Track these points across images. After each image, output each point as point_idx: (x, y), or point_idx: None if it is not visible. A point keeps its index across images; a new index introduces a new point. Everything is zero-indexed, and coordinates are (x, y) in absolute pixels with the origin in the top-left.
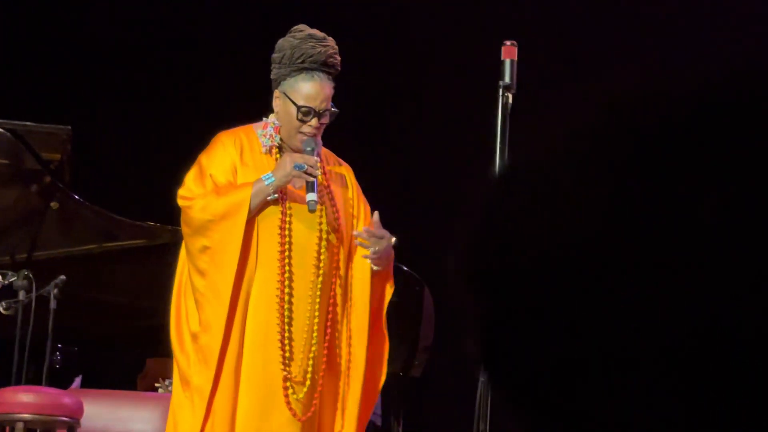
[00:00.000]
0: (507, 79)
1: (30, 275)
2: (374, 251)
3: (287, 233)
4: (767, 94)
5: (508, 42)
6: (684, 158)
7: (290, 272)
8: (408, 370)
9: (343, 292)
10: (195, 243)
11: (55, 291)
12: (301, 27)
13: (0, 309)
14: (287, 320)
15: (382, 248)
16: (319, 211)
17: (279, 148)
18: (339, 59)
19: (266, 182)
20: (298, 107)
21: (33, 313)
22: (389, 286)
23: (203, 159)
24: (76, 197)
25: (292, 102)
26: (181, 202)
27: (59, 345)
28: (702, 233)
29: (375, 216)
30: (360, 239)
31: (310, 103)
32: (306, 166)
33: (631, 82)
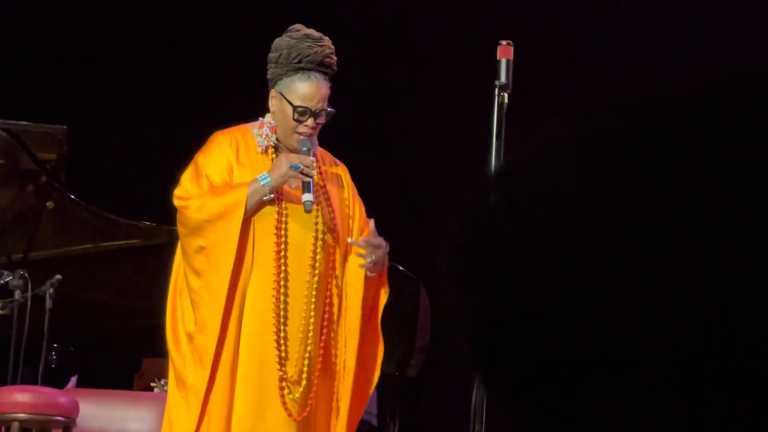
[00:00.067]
0: (503, 79)
1: (26, 275)
2: (370, 261)
3: (283, 233)
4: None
5: (504, 42)
6: (683, 157)
7: (286, 272)
8: (404, 370)
9: (339, 292)
10: (191, 243)
11: (51, 291)
12: (298, 27)
13: None
14: (283, 320)
15: (379, 257)
16: (315, 212)
17: (275, 148)
18: (335, 59)
19: (262, 182)
20: (295, 107)
21: (29, 313)
22: (384, 291)
23: (199, 159)
24: (72, 197)
25: (289, 102)
26: (177, 202)
27: (55, 345)
28: (701, 233)
29: (371, 224)
30: (357, 248)
31: (307, 103)
32: (302, 167)
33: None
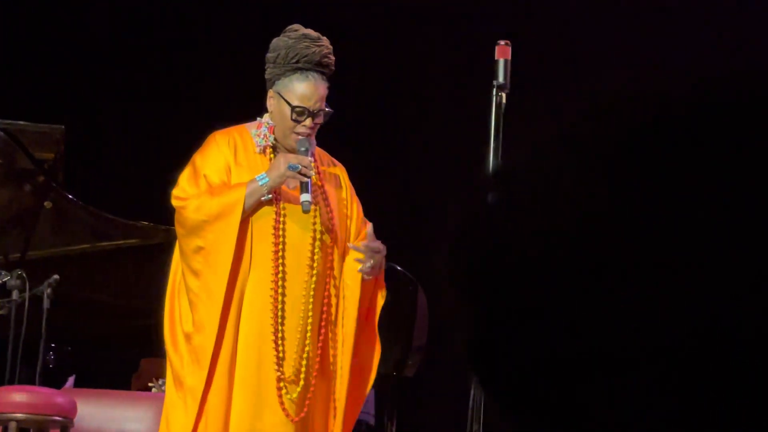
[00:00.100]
0: (501, 79)
1: (23, 275)
2: (369, 265)
3: (281, 233)
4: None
5: (502, 42)
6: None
7: (284, 272)
8: (401, 370)
9: (337, 292)
10: (189, 243)
11: (49, 290)
12: (296, 27)
13: None
14: (281, 320)
15: (377, 261)
16: (313, 212)
17: (273, 148)
18: (333, 59)
19: (260, 183)
20: (293, 107)
21: (26, 313)
22: (381, 294)
23: (197, 159)
24: (70, 197)
25: (287, 102)
26: (175, 203)
27: (52, 344)
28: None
29: (369, 228)
30: (355, 253)
31: (305, 103)
32: (300, 167)
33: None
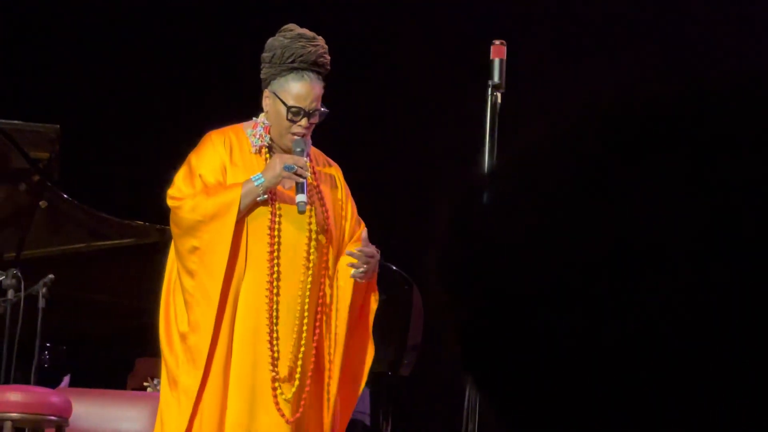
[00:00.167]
0: (496, 79)
1: (18, 274)
2: (363, 270)
3: (276, 234)
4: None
5: (497, 41)
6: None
7: (279, 273)
8: (397, 370)
9: (332, 292)
10: (184, 243)
11: (44, 290)
12: (291, 26)
13: None
14: (276, 320)
15: (371, 266)
16: (309, 212)
17: (268, 148)
18: (329, 59)
19: (256, 183)
20: (288, 107)
21: (21, 312)
22: (374, 297)
23: (193, 159)
24: (65, 196)
25: (282, 102)
26: (171, 203)
27: (48, 344)
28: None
29: (363, 233)
30: (351, 259)
31: (300, 103)
32: (296, 167)
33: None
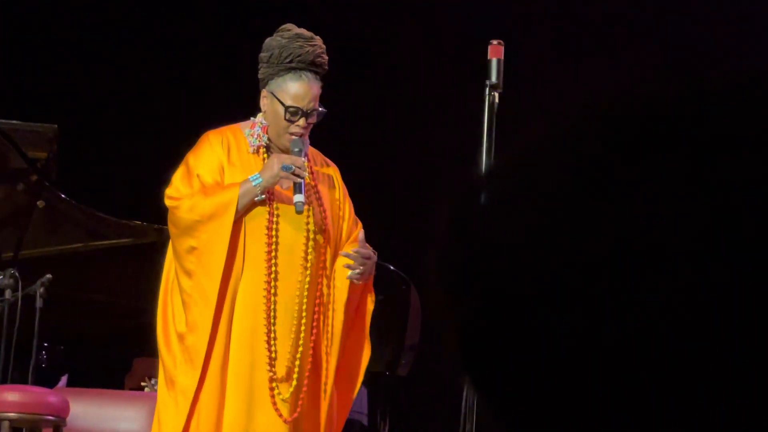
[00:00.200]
0: (494, 78)
1: (16, 274)
2: (359, 272)
3: (274, 234)
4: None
5: (495, 41)
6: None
7: (277, 273)
8: (394, 369)
9: (330, 292)
10: (182, 243)
11: (42, 290)
12: (289, 26)
13: None
14: (273, 321)
15: (367, 268)
16: (307, 212)
17: (266, 148)
18: (326, 58)
19: (253, 183)
20: (286, 107)
21: (19, 312)
22: (370, 299)
23: (190, 159)
24: (63, 196)
25: (280, 102)
26: (169, 202)
27: (45, 344)
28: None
29: (360, 234)
30: (347, 260)
31: (298, 103)
32: (293, 168)
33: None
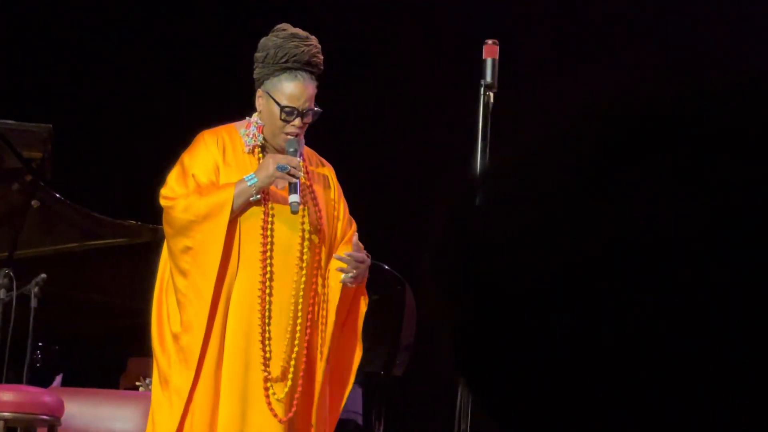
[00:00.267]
0: (488, 78)
1: (11, 274)
2: (352, 275)
3: (269, 234)
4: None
5: (490, 41)
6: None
7: (272, 273)
8: (389, 369)
9: (325, 291)
10: (177, 243)
11: (36, 290)
12: (284, 26)
13: None
14: (268, 321)
15: (360, 271)
16: (302, 212)
17: (262, 148)
18: (322, 58)
19: (249, 183)
20: (282, 107)
21: (13, 312)
22: (363, 301)
23: (186, 158)
24: (57, 196)
25: (276, 102)
26: (164, 202)
27: (40, 343)
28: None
29: (354, 237)
30: (341, 263)
31: (294, 103)
32: (289, 168)
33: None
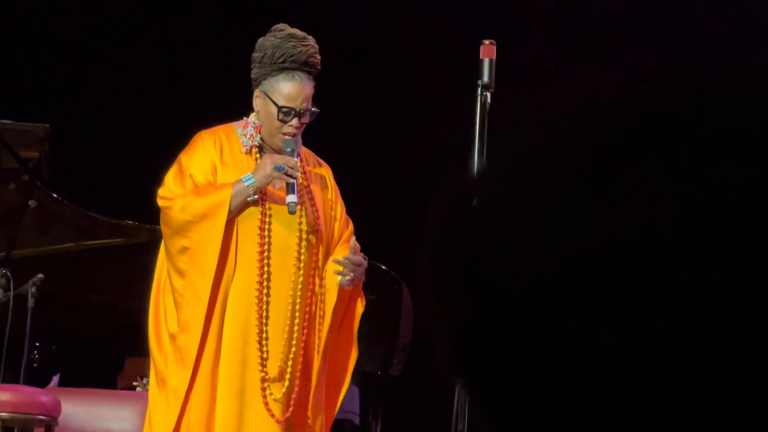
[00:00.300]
0: (486, 78)
1: (8, 273)
2: (349, 279)
3: (267, 234)
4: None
5: (487, 41)
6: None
7: (269, 273)
8: (387, 369)
9: (322, 290)
10: (174, 243)
11: (33, 289)
12: (282, 26)
13: None
14: (265, 321)
15: (357, 275)
16: (299, 212)
17: (259, 148)
18: (319, 58)
19: (246, 183)
20: (279, 107)
21: (11, 312)
22: (360, 303)
23: (183, 159)
24: (55, 195)
25: (273, 102)
26: (161, 202)
27: (37, 343)
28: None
29: (352, 240)
30: (338, 266)
31: (291, 103)
32: (286, 168)
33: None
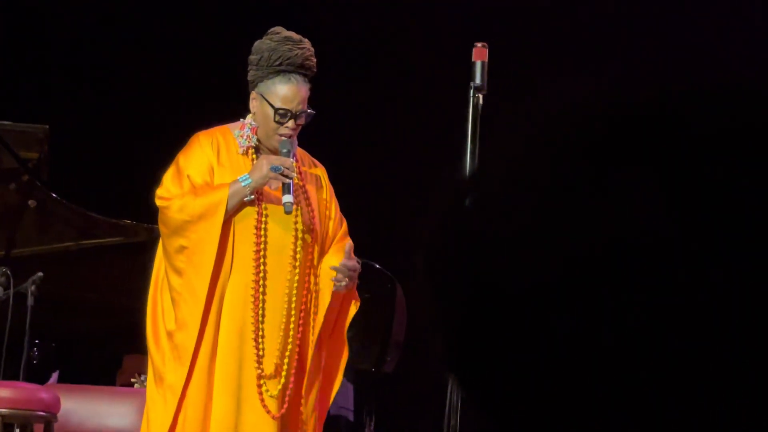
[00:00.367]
0: (478, 81)
1: (8, 272)
2: (344, 284)
3: (263, 234)
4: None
5: (479, 44)
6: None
7: (265, 272)
8: (380, 366)
9: (317, 289)
10: (172, 243)
11: (33, 288)
12: (278, 29)
13: None
14: (261, 319)
15: (352, 279)
16: (295, 212)
17: (255, 149)
18: (315, 61)
19: (243, 183)
20: (275, 109)
21: (10, 310)
22: (354, 304)
23: (181, 159)
24: (54, 195)
25: (269, 104)
26: (159, 202)
27: (36, 341)
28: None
29: (347, 245)
30: (331, 260)
31: (287, 105)
32: (282, 168)
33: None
